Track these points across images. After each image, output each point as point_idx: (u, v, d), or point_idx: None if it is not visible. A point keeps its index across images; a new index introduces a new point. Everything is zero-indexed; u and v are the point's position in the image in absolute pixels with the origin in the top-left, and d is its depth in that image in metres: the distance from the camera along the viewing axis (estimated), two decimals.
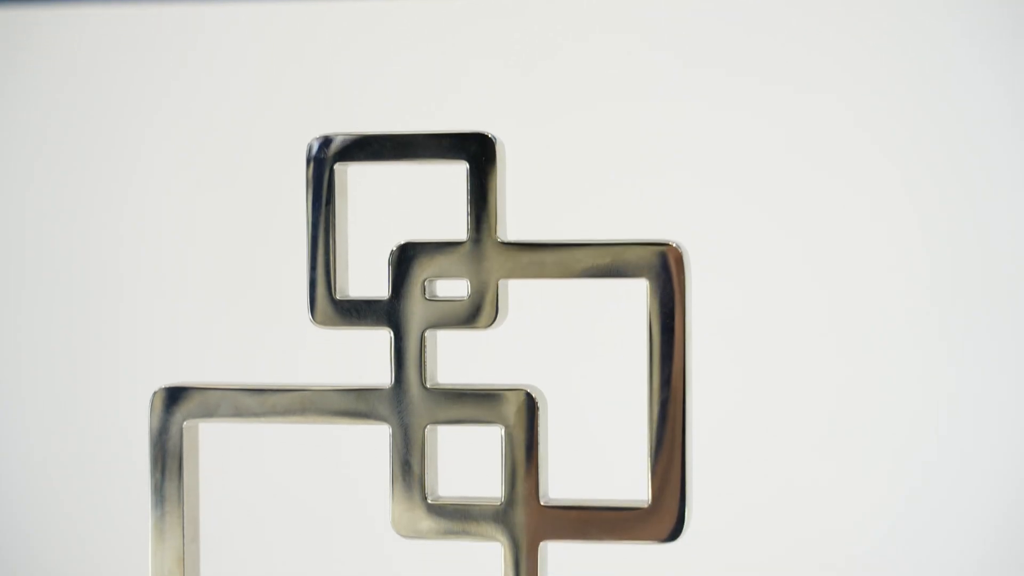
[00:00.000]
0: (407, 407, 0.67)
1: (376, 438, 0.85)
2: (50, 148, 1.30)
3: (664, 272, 0.65)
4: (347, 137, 0.68)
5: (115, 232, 1.30)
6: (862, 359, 1.20)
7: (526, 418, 0.66)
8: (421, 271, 0.67)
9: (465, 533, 0.67)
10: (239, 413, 0.69)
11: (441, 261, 0.67)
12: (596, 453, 1.19)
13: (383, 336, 0.68)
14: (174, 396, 0.69)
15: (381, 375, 0.70)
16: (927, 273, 1.19)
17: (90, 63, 1.29)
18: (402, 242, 0.67)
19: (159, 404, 0.69)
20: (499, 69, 1.24)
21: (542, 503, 0.66)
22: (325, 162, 0.68)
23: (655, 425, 0.65)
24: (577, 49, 1.23)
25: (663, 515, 0.65)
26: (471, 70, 1.24)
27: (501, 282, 0.67)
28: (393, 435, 0.67)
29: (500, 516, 0.67)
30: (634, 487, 0.70)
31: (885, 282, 1.19)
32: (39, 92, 1.30)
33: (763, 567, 1.21)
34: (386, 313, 0.67)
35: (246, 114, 1.28)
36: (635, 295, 0.76)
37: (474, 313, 0.67)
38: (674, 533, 0.66)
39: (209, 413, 0.69)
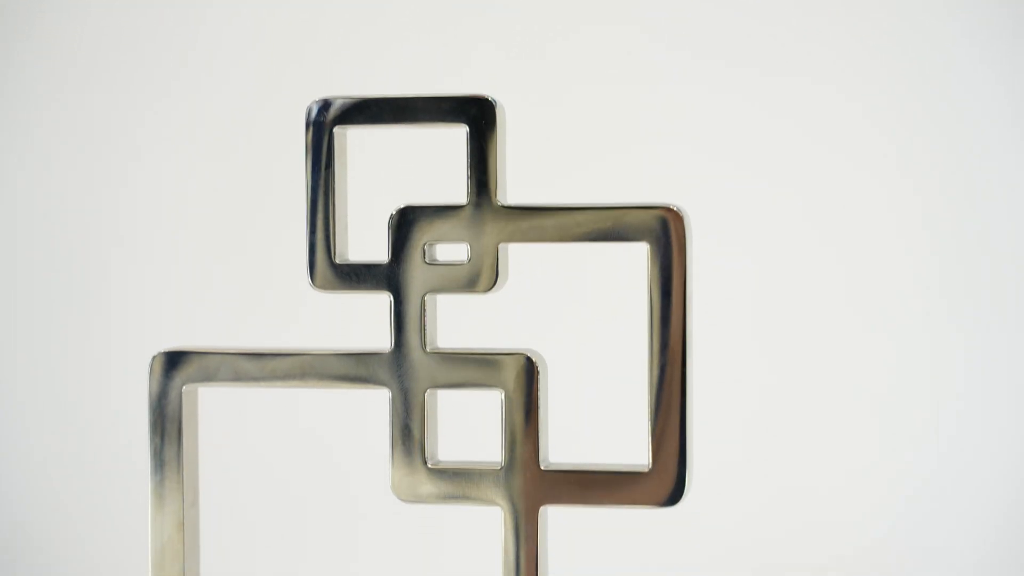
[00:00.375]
0: (407, 371, 0.67)
1: (376, 403, 0.85)
2: (45, 113, 1.29)
3: (664, 236, 0.65)
4: (346, 100, 0.67)
5: (114, 198, 1.29)
6: (862, 340, 1.20)
7: (526, 382, 0.66)
8: (421, 235, 0.67)
9: (465, 497, 0.67)
10: (238, 377, 0.69)
11: (441, 225, 0.66)
12: (596, 417, 1.19)
13: (383, 300, 0.68)
14: (173, 360, 0.69)
15: (381, 339, 0.70)
16: (927, 264, 1.19)
17: (95, 32, 1.29)
18: (402, 206, 0.67)
19: (158, 368, 0.69)
20: (505, 41, 1.23)
21: (542, 467, 0.66)
22: (324, 126, 0.67)
23: (654, 389, 0.65)
24: (582, 30, 1.22)
25: (663, 479, 0.65)
26: (478, 40, 1.24)
27: (501, 246, 0.66)
28: (393, 399, 0.67)
29: (500, 480, 0.67)
30: (636, 452, 0.70)
31: (887, 263, 1.19)
32: (39, 54, 1.30)
33: (762, 542, 1.21)
34: (386, 277, 0.67)
35: (246, 79, 1.27)
36: (636, 259, 0.76)
37: (474, 277, 0.67)
38: (673, 497, 0.66)
39: (208, 377, 0.69)
